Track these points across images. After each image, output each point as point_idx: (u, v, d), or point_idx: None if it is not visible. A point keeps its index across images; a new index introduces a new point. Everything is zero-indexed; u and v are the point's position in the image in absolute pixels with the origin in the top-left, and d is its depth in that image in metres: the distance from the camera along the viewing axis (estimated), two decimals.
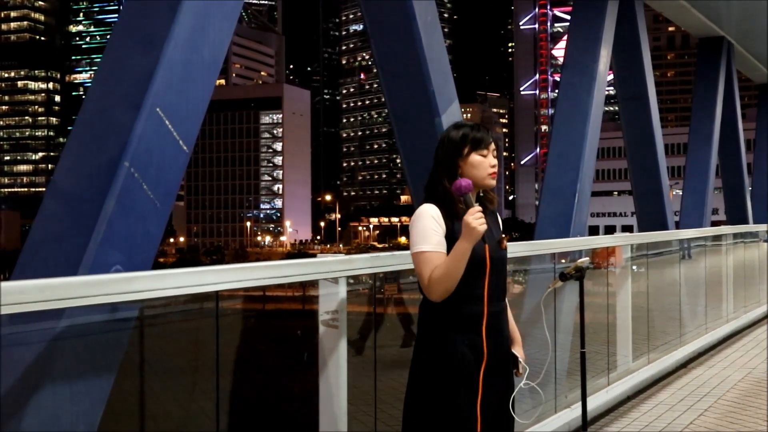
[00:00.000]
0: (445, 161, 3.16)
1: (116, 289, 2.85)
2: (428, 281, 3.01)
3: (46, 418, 3.62)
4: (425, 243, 3.04)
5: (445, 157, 3.17)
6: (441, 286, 3.00)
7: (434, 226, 3.06)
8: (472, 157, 3.16)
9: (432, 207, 3.09)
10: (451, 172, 3.14)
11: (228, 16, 6.32)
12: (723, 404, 6.87)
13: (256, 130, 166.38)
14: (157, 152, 5.65)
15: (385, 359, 4.24)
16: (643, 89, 16.15)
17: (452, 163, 3.15)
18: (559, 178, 13.44)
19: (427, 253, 3.04)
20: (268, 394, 4.58)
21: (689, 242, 10.88)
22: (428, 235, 3.05)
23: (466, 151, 3.16)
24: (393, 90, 9.23)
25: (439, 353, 3.07)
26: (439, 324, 3.08)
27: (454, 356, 3.05)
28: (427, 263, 3.03)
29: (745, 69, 23.67)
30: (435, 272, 3.00)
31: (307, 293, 4.13)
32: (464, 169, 3.15)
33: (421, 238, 3.06)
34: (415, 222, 3.10)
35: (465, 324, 3.07)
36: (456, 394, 3.05)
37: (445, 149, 3.18)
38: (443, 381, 3.06)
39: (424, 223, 3.07)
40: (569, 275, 4.28)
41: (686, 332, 9.32)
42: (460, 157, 3.15)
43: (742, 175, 22.34)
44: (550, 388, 5.80)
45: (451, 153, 3.16)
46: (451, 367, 3.05)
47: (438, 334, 3.08)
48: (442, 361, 3.06)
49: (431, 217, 3.07)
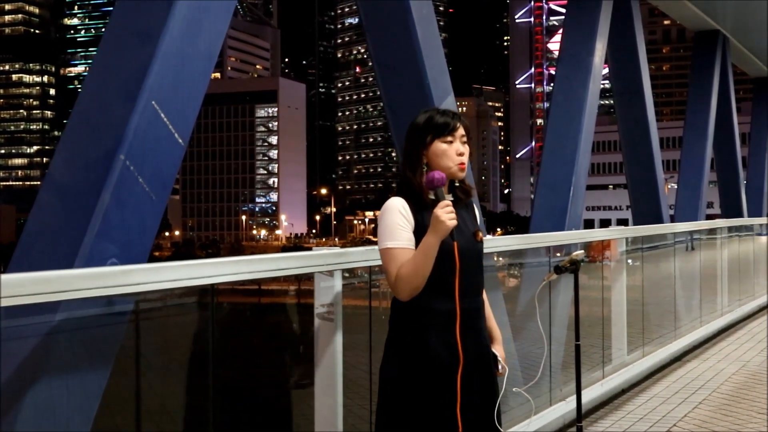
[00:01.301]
0: (408, 151, 3.00)
1: (112, 282, 2.85)
2: (395, 279, 2.86)
3: (41, 412, 3.62)
4: (391, 239, 2.89)
5: (408, 147, 3.00)
6: (408, 283, 2.84)
7: (401, 222, 2.90)
8: (435, 145, 2.96)
9: (399, 200, 2.93)
10: (414, 162, 2.97)
11: (224, 9, 6.32)
12: (717, 397, 6.89)
13: (252, 124, 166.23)
14: (152, 145, 5.64)
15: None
16: (639, 83, 16.16)
17: (416, 152, 2.98)
18: (555, 171, 13.45)
19: (393, 249, 2.88)
20: (264, 387, 4.58)
21: (692, 234, 10.93)
22: (394, 231, 2.89)
23: (428, 138, 2.97)
24: (388, 83, 9.22)
25: (411, 355, 2.91)
26: (409, 323, 2.92)
27: (427, 358, 2.89)
28: (393, 260, 2.87)
29: (740, 63, 23.70)
30: (401, 269, 2.85)
31: (302, 287, 4.14)
32: (429, 159, 2.97)
33: (387, 233, 2.90)
34: (382, 216, 2.94)
35: (437, 322, 2.90)
36: (433, 399, 2.89)
37: (409, 138, 3.02)
38: (417, 385, 2.90)
39: (391, 218, 2.91)
40: (564, 268, 4.29)
41: (681, 325, 9.34)
42: (422, 147, 2.97)
43: (737, 168, 22.38)
44: (545, 381, 5.82)
45: (415, 142, 2.99)
46: (424, 371, 2.89)
47: (409, 333, 2.93)
48: (415, 363, 2.90)
49: (398, 211, 2.91)
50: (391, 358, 2.97)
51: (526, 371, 5.60)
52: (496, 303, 5.61)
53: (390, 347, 3.00)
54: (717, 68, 20.07)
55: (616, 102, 17.00)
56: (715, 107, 20.17)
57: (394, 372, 2.95)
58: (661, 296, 9.49)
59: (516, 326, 5.92)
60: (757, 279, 13.35)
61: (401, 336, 2.96)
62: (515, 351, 5.70)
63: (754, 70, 25.00)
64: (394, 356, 2.96)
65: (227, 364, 3.90)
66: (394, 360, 2.96)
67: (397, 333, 2.98)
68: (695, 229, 11.20)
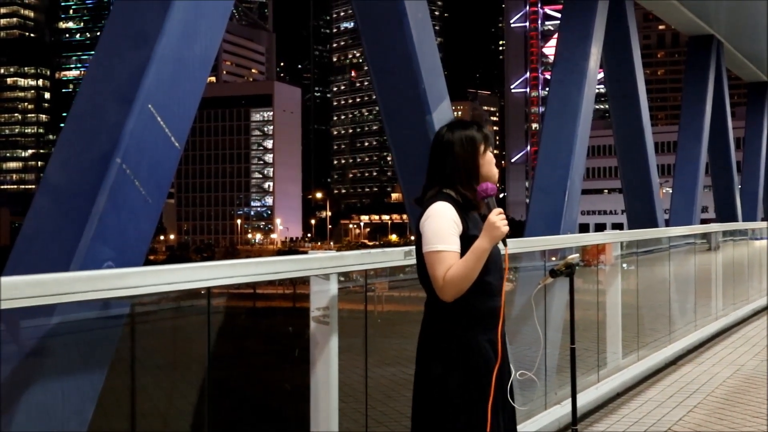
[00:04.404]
0: (464, 161, 3.13)
1: (108, 285, 2.86)
2: (443, 281, 2.97)
3: (37, 414, 3.61)
4: (441, 242, 3.00)
5: (466, 157, 3.13)
6: (456, 285, 2.96)
7: (451, 227, 3.02)
8: (488, 155, 3.18)
9: (449, 206, 3.06)
10: (472, 172, 3.12)
11: (219, 12, 6.32)
12: (712, 401, 6.90)
13: (247, 128, 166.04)
14: (148, 148, 5.64)
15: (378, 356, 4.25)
16: (633, 87, 16.16)
17: (474, 162, 3.14)
18: (549, 175, 13.44)
19: (443, 252, 2.99)
20: (260, 391, 4.58)
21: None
22: (445, 235, 3.01)
23: (482, 149, 3.16)
24: (384, 87, 9.22)
25: (463, 355, 3.03)
26: (456, 323, 3.04)
27: (481, 358, 3.03)
28: (442, 262, 2.98)
29: (734, 67, 23.73)
30: (450, 272, 2.96)
31: (297, 290, 4.14)
32: (483, 168, 3.16)
33: (437, 237, 3.01)
34: (430, 220, 3.05)
35: (485, 321, 3.06)
36: (478, 394, 3.03)
37: (465, 149, 3.14)
38: (470, 383, 3.03)
39: (441, 222, 3.03)
40: (559, 271, 4.31)
41: (676, 329, 9.36)
42: (479, 157, 3.15)
43: (732, 173, 22.39)
44: (540, 385, 5.83)
45: (473, 153, 3.14)
46: (478, 370, 3.03)
47: (456, 334, 3.04)
48: (467, 363, 3.03)
49: (449, 217, 3.03)
50: (438, 357, 3.06)
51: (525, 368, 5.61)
52: None
53: (434, 348, 3.08)
54: (711, 73, 20.10)
55: (611, 106, 17.00)
56: (710, 112, 20.19)
57: (446, 371, 3.04)
58: (655, 300, 9.51)
59: (511, 330, 5.93)
60: (752, 283, 13.38)
61: (447, 337, 3.05)
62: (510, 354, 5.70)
63: (749, 75, 25.04)
64: (442, 356, 3.05)
65: (223, 367, 3.90)
66: (442, 359, 3.05)
67: (441, 333, 3.07)
68: (690, 233, 11.23)
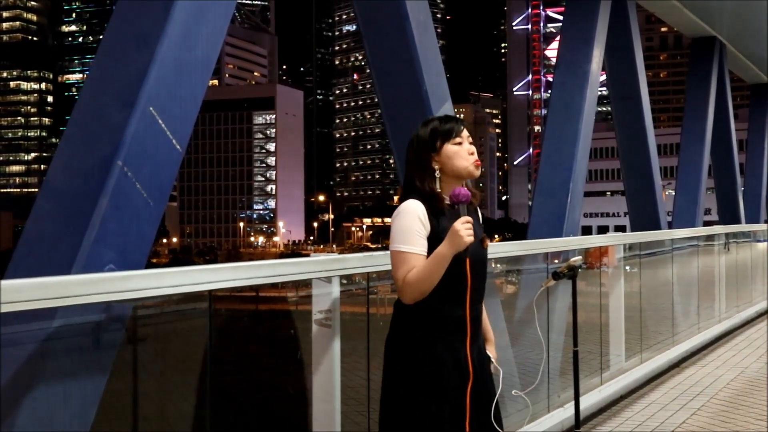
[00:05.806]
0: (416, 159, 3.02)
1: (110, 288, 2.85)
2: (402, 282, 2.88)
3: (39, 417, 3.61)
4: (405, 242, 2.90)
5: (415, 155, 3.03)
6: (416, 288, 2.86)
7: (418, 227, 2.90)
8: (446, 148, 3.00)
9: (419, 204, 2.94)
10: (425, 168, 3.00)
11: (221, 15, 6.33)
12: (715, 403, 6.88)
13: (249, 131, 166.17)
14: (150, 151, 5.65)
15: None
16: (636, 89, 16.18)
17: (426, 159, 3.01)
18: (552, 178, 13.46)
19: (405, 253, 2.89)
20: (262, 394, 4.58)
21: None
22: (410, 235, 2.90)
23: (438, 144, 3.01)
24: (386, 90, 9.23)
25: (419, 362, 2.92)
26: (417, 326, 2.94)
27: (437, 370, 2.91)
28: (404, 264, 2.89)
29: (737, 69, 23.74)
30: (411, 274, 2.86)
31: (300, 293, 4.13)
32: (442, 163, 3.01)
33: (402, 236, 2.91)
34: (398, 218, 2.95)
35: (447, 328, 2.93)
36: (441, 414, 2.90)
37: (415, 148, 3.04)
38: (426, 399, 2.91)
39: (407, 222, 2.92)
40: (562, 274, 4.29)
41: (679, 332, 9.34)
42: (434, 152, 3.01)
43: (735, 175, 22.40)
44: (543, 387, 5.82)
45: (423, 150, 3.02)
46: (435, 386, 2.90)
47: (416, 338, 2.94)
48: (423, 372, 2.92)
49: (417, 216, 2.91)
50: (397, 359, 2.99)
51: (524, 377, 5.60)
52: (494, 309, 5.61)
53: (394, 348, 3.01)
54: (714, 75, 20.11)
55: (613, 108, 17.02)
56: (713, 114, 20.20)
57: (402, 373, 2.96)
58: (658, 302, 9.49)
59: (514, 332, 5.92)
60: (755, 285, 13.36)
61: (407, 339, 2.97)
62: (513, 357, 5.70)
63: (751, 77, 25.05)
64: (401, 358, 2.97)
65: (225, 370, 3.89)
66: (401, 362, 2.97)
67: (402, 335, 2.99)
68: (693, 236, 11.21)
